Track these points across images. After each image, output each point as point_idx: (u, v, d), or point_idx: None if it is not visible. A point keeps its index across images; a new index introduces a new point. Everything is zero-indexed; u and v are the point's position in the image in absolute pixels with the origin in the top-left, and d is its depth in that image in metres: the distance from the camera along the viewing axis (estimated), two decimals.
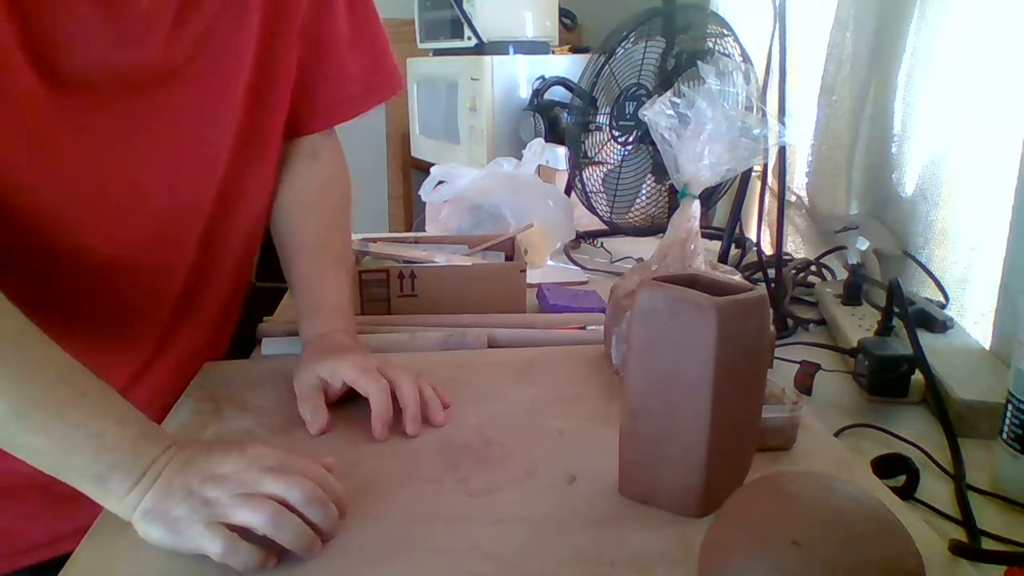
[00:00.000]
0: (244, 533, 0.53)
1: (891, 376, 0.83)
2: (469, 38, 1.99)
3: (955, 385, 0.80)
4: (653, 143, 1.19)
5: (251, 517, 0.53)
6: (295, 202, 0.89)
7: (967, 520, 0.64)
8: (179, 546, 0.53)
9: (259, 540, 0.53)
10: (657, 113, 0.77)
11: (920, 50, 1.09)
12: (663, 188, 1.32)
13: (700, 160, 0.77)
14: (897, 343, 0.86)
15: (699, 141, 0.76)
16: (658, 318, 0.57)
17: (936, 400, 0.78)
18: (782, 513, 0.44)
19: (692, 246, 0.80)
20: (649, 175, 1.31)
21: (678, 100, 0.76)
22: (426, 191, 1.39)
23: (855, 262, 1.10)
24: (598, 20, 2.22)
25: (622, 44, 1.25)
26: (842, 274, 1.19)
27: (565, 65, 1.95)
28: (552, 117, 1.77)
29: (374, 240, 1.15)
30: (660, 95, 0.77)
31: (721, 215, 1.53)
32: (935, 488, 0.69)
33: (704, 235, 0.84)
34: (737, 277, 0.82)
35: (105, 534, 0.57)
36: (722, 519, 0.48)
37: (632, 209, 1.34)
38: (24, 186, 0.63)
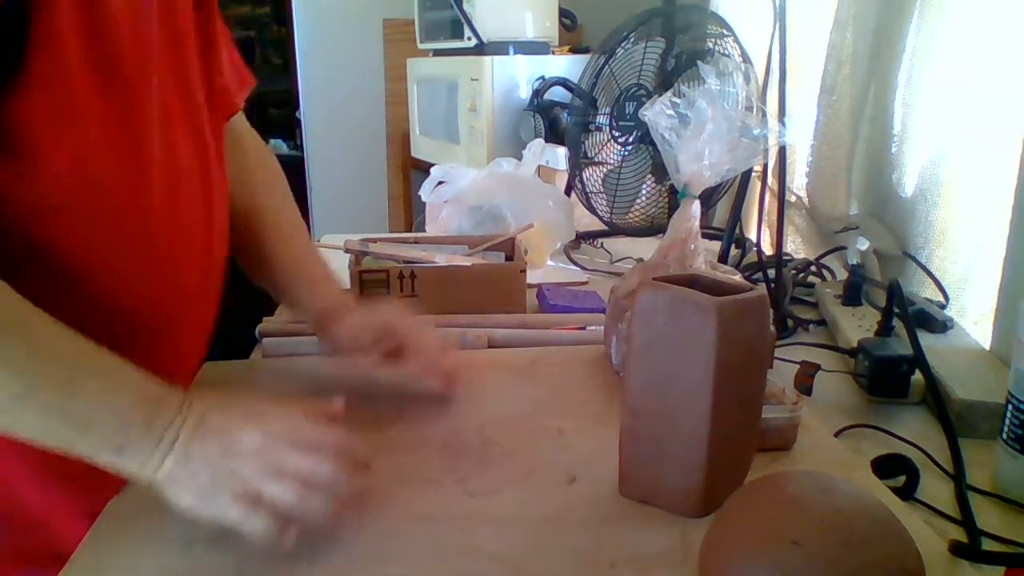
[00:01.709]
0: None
1: (891, 376, 0.84)
2: (469, 38, 1.98)
3: (955, 385, 0.80)
4: (653, 143, 1.19)
5: (278, 492, 0.54)
6: (240, 181, 0.85)
7: (967, 520, 0.64)
8: (203, 512, 0.54)
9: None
10: (657, 113, 0.77)
11: (920, 50, 1.09)
12: (663, 188, 1.32)
13: (700, 160, 0.77)
14: (897, 343, 0.86)
15: (699, 141, 0.76)
16: (658, 318, 0.57)
17: (936, 400, 0.78)
18: (782, 513, 0.44)
19: (692, 246, 0.80)
20: (649, 175, 1.31)
21: (678, 100, 0.76)
22: (426, 191, 1.39)
23: (855, 262, 1.10)
24: (598, 20, 2.22)
25: (622, 44, 1.25)
26: (842, 274, 1.19)
27: (565, 65, 1.94)
28: (552, 117, 1.77)
29: (374, 240, 1.14)
30: (660, 95, 0.77)
31: (721, 215, 1.53)
32: (935, 488, 0.69)
33: (704, 235, 0.84)
34: (737, 277, 0.82)
35: (104, 535, 0.57)
36: (722, 519, 0.48)
37: (632, 209, 1.33)
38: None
